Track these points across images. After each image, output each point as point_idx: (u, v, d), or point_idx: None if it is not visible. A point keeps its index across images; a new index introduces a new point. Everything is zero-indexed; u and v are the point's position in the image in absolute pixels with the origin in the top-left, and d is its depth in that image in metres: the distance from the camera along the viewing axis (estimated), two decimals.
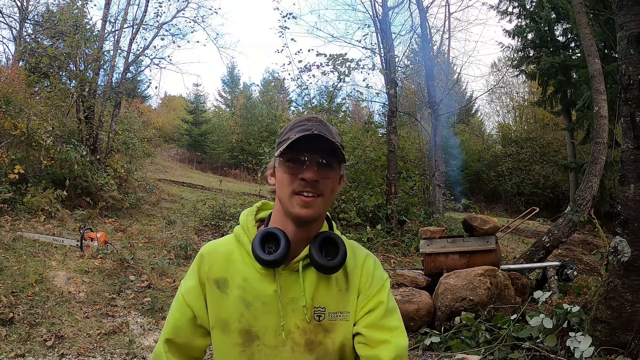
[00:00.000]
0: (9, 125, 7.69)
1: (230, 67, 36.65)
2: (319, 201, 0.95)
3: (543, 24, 15.19)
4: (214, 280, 1.02)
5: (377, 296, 1.03)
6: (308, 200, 0.94)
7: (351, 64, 9.93)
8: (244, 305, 0.99)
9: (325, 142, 0.93)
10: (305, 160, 0.94)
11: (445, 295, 4.20)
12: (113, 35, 10.98)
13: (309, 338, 0.99)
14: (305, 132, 0.94)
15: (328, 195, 0.97)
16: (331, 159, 0.96)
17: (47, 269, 4.87)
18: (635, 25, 2.76)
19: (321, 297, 1.00)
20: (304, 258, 0.99)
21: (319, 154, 0.94)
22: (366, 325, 1.00)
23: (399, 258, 7.80)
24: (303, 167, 0.94)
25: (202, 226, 8.94)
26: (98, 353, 3.40)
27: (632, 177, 2.83)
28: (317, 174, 0.94)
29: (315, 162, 0.94)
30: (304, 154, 0.94)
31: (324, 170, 0.95)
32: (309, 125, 0.97)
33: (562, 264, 5.18)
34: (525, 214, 6.28)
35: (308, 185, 0.93)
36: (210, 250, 1.06)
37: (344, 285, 1.03)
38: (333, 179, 0.97)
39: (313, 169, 0.93)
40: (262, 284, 1.00)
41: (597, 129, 5.97)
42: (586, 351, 2.87)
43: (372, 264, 1.07)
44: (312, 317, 0.99)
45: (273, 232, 0.98)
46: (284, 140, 0.98)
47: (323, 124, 0.99)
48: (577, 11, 6.60)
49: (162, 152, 27.61)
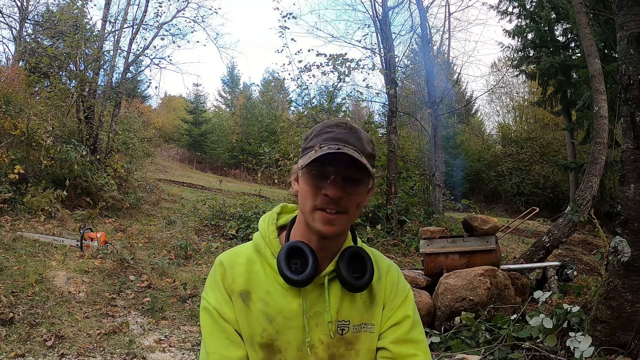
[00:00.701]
0: (9, 125, 7.69)
1: (230, 67, 36.68)
2: (343, 218, 0.89)
3: (543, 24, 15.19)
4: (238, 293, 0.96)
5: (402, 308, 1.01)
6: (331, 218, 0.88)
7: (351, 64, 9.94)
8: (266, 319, 0.94)
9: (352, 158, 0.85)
10: (331, 175, 0.87)
11: (445, 295, 4.20)
12: (113, 35, 11.00)
13: (332, 352, 0.97)
14: (331, 143, 0.87)
15: (353, 212, 0.91)
16: (359, 175, 0.88)
17: (47, 269, 4.87)
18: (635, 25, 2.76)
19: (345, 310, 0.98)
20: (329, 273, 0.95)
21: (345, 168, 0.87)
22: (393, 340, 0.98)
23: (399, 258, 7.80)
24: (327, 181, 0.87)
25: (202, 226, 8.94)
26: (98, 353, 3.40)
27: (632, 177, 2.83)
28: (342, 191, 0.87)
29: (341, 178, 0.87)
30: (330, 167, 0.86)
31: (350, 186, 0.88)
32: (337, 133, 0.89)
33: (562, 264, 5.18)
34: (525, 214, 6.28)
35: (332, 202, 0.86)
36: (231, 261, 0.99)
37: (369, 298, 1.00)
38: (360, 195, 0.90)
39: (338, 185, 0.86)
40: (286, 298, 0.95)
41: (597, 129, 5.97)
42: (586, 351, 2.87)
43: (396, 274, 1.05)
44: (335, 331, 0.97)
45: (299, 247, 0.93)
46: (308, 147, 0.91)
47: (353, 132, 0.90)
48: (577, 11, 6.60)
49: (162, 152, 27.62)
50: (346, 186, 0.87)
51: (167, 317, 4.35)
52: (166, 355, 3.56)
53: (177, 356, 3.57)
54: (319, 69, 10.14)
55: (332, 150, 0.84)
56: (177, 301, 4.77)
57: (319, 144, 0.88)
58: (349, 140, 0.88)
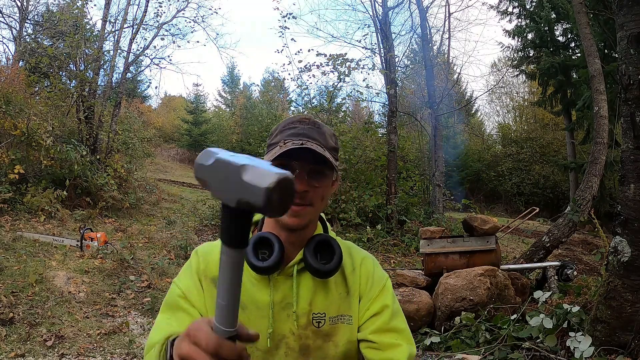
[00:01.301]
0: (9, 125, 7.69)
1: (230, 67, 36.66)
2: (309, 210, 0.92)
3: (543, 24, 15.19)
4: (211, 278, 0.97)
5: (380, 299, 1.01)
6: (297, 210, 0.90)
7: (351, 64, 9.95)
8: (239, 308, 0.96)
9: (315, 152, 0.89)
10: (295, 169, 0.90)
11: (445, 295, 4.20)
12: (113, 35, 11.00)
13: (305, 343, 0.97)
14: (295, 138, 0.90)
15: (318, 203, 0.94)
16: (322, 167, 0.92)
17: (47, 269, 4.87)
18: (635, 25, 2.76)
19: (320, 302, 0.98)
20: (298, 262, 0.97)
21: (309, 163, 0.90)
22: (373, 330, 0.98)
23: (399, 258, 7.80)
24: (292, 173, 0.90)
25: (202, 226, 8.94)
26: (98, 353, 3.40)
27: (632, 177, 2.83)
28: (307, 184, 0.90)
29: (306, 171, 0.90)
30: (294, 162, 0.89)
31: (314, 180, 0.91)
32: (300, 129, 0.93)
33: (562, 264, 5.19)
34: (525, 214, 6.28)
35: (297, 195, 0.89)
36: (206, 251, 1.02)
37: (344, 289, 1.00)
38: (324, 187, 0.94)
39: (303, 179, 0.90)
40: (257, 289, 0.97)
41: (597, 129, 5.97)
42: (586, 351, 2.87)
43: (371, 265, 1.05)
44: (309, 323, 0.97)
45: (266, 237, 0.95)
46: (273, 144, 0.94)
47: (316, 127, 0.95)
48: (577, 11, 6.60)
49: (162, 152, 27.62)
50: (311, 180, 0.90)
51: None
52: None
53: None
54: (319, 69, 10.16)
55: (296, 145, 0.87)
56: None
57: (284, 139, 0.91)
58: (312, 135, 0.92)
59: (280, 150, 0.88)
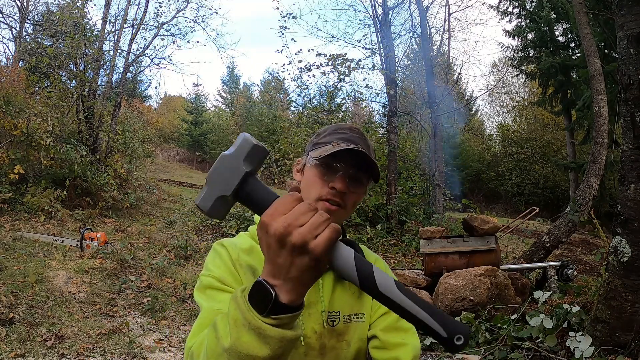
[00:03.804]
0: (9, 125, 7.69)
1: (230, 67, 36.70)
2: (341, 212, 0.95)
3: (543, 24, 15.20)
4: (247, 266, 0.94)
5: None
6: (332, 209, 0.92)
7: (351, 64, 9.95)
8: None
9: (365, 159, 0.93)
10: (340, 170, 0.93)
11: (445, 295, 4.20)
12: (113, 35, 11.00)
13: (323, 343, 0.98)
14: (349, 143, 0.94)
15: (350, 208, 0.96)
16: (365, 176, 0.96)
17: (47, 269, 4.87)
18: (635, 25, 2.76)
19: (337, 301, 0.99)
20: None
21: (354, 168, 0.94)
22: (383, 328, 1.00)
23: (399, 258, 7.80)
24: (336, 175, 0.93)
25: (202, 226, 8.94)
26: (98, 353, 3.40)
27: (632, 177, 2.83)
28: (348, 187, 0.93)
29: (349, 175, 0.93)
30: (341, 164, 0.93)
31: (353, 185, 0.95)
32: (351, 135, 0.97)
33: (562, 264, 5.19)
34: (525, 214, 6.28)
35: (337, 194, 0.92)
36: (232, 242, 0.99)
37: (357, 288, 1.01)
38: (359, 194, 0.97)
39: (345, 181, 0.93)
40: None
41: (597, 129, 5.97)
42: (586, 351, 2.87)
43: (383, 266, 1.08)
44: (326, 321, 0.98)
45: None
46: (322, 142, 0.97)
47: (364, 138, 0.99)
48: (577, 11, 6.60)
49: (162, 152, 27.63)
50: (351, 183, 0.94)
51: (167, 317, 4.35)
52: (166, 355, 3.56)
53: (177, 356, 3.57)
54: (319, 69, 10.17)
55: (350, 147, 0.92)
56: (177, 301, 4.77)
57: (336, 140, 0.95)
58: (361, 144, 0.96)
59: (334, 149, 0.92)
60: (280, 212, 0.57)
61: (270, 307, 0.59)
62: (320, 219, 0.57)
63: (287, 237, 0.56)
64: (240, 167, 0.59)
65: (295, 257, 0.57)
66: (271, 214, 0.58)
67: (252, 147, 0.59)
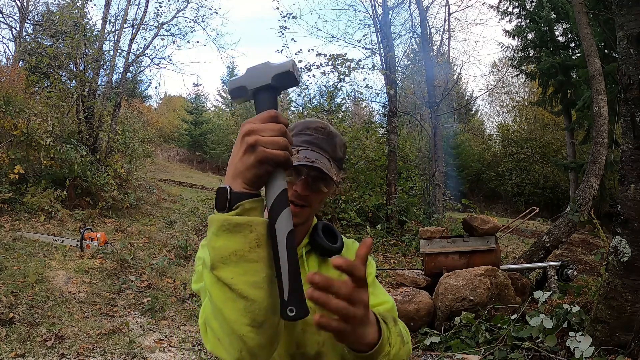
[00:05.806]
0: (9, 125, 7.69)
1: (230, 67, 36.61)
2: (306, 210, 0.98)
3: (543, 24, 15.20)
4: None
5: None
6: (295, 210, 0.95)
7: (351, 64, 9.94)
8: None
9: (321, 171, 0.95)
10: (302, 174, 0.95)
11: (445, 295, 4.20)
12: (113, 35, 10.99)
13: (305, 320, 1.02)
14: (307, 147, 0.97)
15: (316, 205, 1.00)
16: (325, 181, 0.98)
17: (47, 269, 4.87)
18: (635, 25, 2.76)
19: None
20: (306, 245, 1.03)
21: (316, 172, 0.96)
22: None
23: (399, 258, 7.80)
24: (299, 177, 0.95)
25: (202, 226, 8.94)
26: (98, 353, 3.40)
27: (632, 177, 2.83)
28: (309, 189, 0.96)
29: (311, 178, 0.96)
30: (303, 168, 0.95)
31: (317, 186, 0.97)
32: (315, 137, 0.99)
33: (562, 264, 5.18)
34: (525, 214, 6.27)
35: (299, 197, 0.95)
36: None
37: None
38: (324, 194, 1.00)
39: (307, 184, 0.95)
40: None
41: (597, 129, 5.97)
42: (586, 351, 2.87)
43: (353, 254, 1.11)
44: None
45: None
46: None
47: (329, 137, 1.00)
48: (577, 11, 6.60)
49: (162, 152, 27.63)
50: (314, 185, 0.97)
51: (167, 317, 4.35)
52: (166, 355, 3.56)
53: (177, 356, 3.57)
54: (319, 69, 10.16)
55: (307, 163, 0.95)
56: (177, 301, 4.77)
57: (298, 146, 0.98)
58: (324, 146, 0.99)
59: (294, 163, 0.94)
60: (258, 120, 0.69)
61: (229, 200, 0.68)
62: (280, 142, 0.67)
63: (247, 136, 0.67)
64: (269, 78, 0.71)
65: (244, 154, 0.67)
66: (251, 120, 0.70)
67: (286, 72, 0.70)
